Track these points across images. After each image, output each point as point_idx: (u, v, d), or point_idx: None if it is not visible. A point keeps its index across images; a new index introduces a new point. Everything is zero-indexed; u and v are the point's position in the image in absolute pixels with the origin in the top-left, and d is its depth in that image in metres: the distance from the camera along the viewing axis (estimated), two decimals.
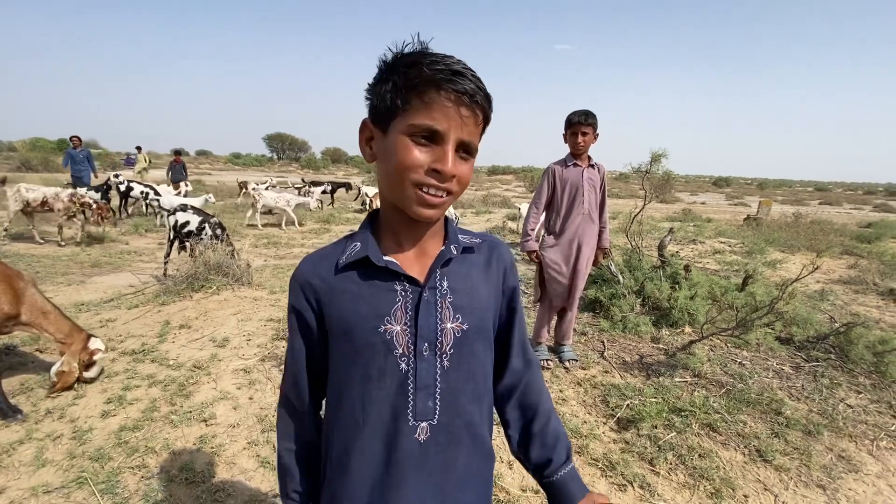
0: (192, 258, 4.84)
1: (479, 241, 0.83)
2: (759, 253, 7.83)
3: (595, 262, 3.23)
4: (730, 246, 8.78)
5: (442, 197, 0.69)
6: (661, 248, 4.78)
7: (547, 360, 3.27)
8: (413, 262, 0.77)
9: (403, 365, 0.73)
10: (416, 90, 0.66)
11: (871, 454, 2.45)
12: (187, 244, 5.20)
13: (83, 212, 7.22)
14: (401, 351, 0.73)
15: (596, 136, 2.90)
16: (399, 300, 0.74)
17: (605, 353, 3.46)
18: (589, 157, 3.02)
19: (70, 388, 2.71)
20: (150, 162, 15.65)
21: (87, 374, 2.75)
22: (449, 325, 0.75)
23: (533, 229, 3.13)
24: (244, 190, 12.92)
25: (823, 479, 2.23)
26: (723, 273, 6.08)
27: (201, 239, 5.07)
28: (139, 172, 14.97)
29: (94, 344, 2.75)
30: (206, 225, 5.27)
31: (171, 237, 5.37)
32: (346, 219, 11.95)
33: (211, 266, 4.63)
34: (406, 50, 0.68)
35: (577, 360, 3.29)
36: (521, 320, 0.88)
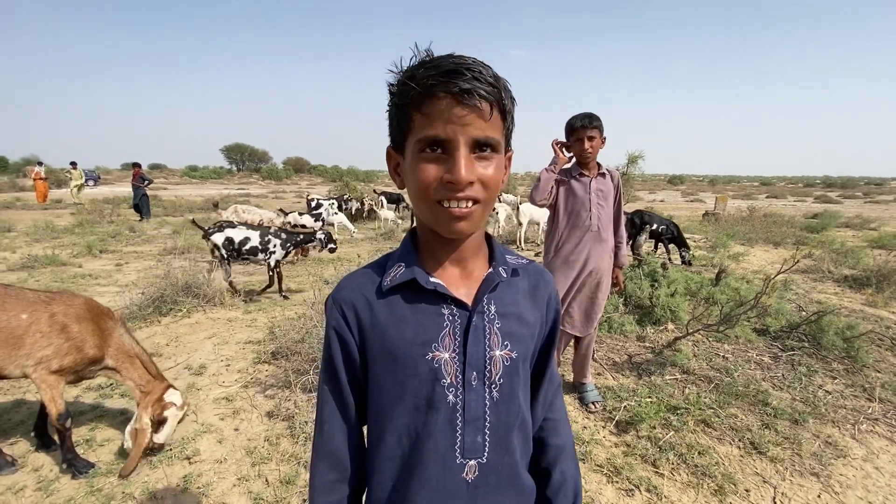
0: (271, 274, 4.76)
1: (525, 262, 0.79)
2: (723, 247, 8.19)
3: (615, 283, 2.85)
4: (695, 241, 9.14)
5: (468, 207, 0.63)
6: (636, 247, 4.89)
7: None
8: (458, 284, 0.72)
9: (451, 396, 0.68)
10: (415, 104, 0.62)
11: (855, 438, 2.56)
12: (269, 262, 5.00)
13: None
14: (448, 381, 0.68)
15: (603, 140, 2.60)
16: (447, 325, 0.69)
17: (596, 355, 3.48)
18: (598, 165, 2.68)
19: (147, 454, 2.24)
20: (84, 179, 16.53)
21: (156, 438, 2.23)
22: (498, 353, 0.70)
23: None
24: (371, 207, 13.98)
25: (816, 466, 2.31)
26: (693, 269, 6.30)
27: (274, 252, 4.92)
28: (73, 189, 15.03)
29: (170, 396, 2.27)
30: (269, 236, 4.99)
31: (225, 256, 4.91)
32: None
33: (180, 287, 4.37)
34: (407, 65, 0.64)
35: (601, 401, 2.86)
36: (554, 360, 0.83)
